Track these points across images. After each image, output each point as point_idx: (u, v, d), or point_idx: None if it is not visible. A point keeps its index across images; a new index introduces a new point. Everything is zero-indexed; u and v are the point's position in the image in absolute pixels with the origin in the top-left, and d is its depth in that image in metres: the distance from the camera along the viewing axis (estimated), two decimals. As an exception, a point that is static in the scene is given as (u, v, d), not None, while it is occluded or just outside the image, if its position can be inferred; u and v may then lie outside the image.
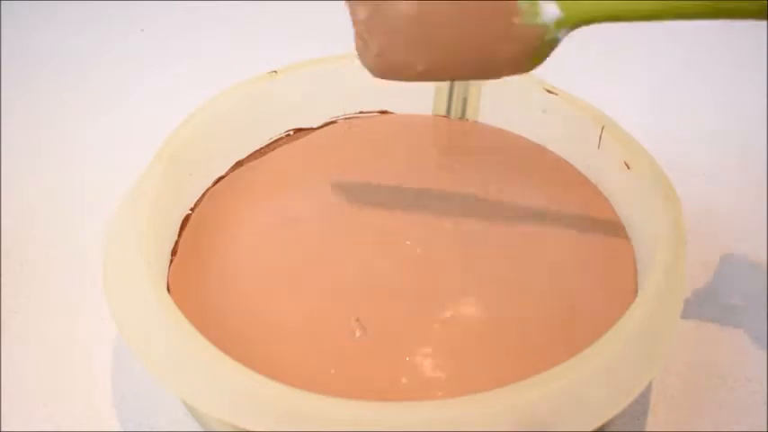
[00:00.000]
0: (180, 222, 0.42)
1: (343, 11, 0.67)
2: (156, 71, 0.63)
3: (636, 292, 0.38)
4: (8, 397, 0.39)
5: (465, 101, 0.49)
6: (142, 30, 0.68)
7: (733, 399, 0.40)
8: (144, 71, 0.63)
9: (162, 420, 0.38)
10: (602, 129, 0.43)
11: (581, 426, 0.30)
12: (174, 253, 0.40)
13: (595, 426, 0.31)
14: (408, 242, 0.41)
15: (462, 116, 0.50)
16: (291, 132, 0.48)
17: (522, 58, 0.34)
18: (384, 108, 0.50)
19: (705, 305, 0.44)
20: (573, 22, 0.33)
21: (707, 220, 0.49)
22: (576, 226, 0.42)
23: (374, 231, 0.41)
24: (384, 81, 0.49)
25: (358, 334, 0.36)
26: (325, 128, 0.49)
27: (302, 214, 0.43)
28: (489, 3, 0.33)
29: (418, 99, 0.50)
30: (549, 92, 0.46)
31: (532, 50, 0.34)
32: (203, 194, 0.44)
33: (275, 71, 0.47)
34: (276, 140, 0.48)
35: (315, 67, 0.48)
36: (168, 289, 0.37)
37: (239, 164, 0.46)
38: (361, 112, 0.50)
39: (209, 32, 0.68)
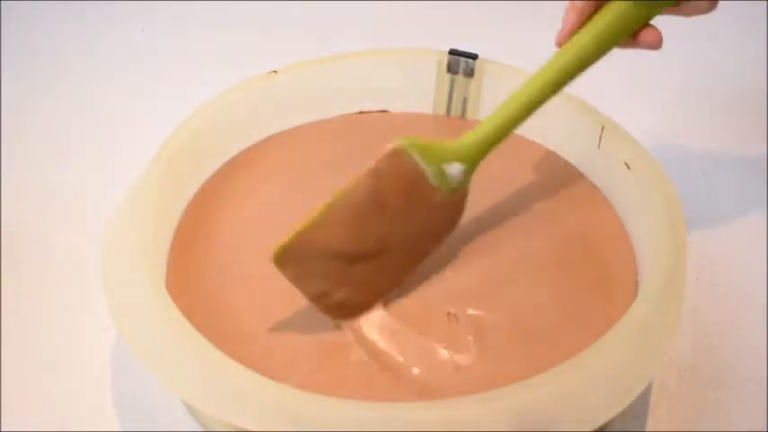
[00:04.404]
0: (178, 222, 0.42)
1: (342, 11, 0.66)
2: (156, 71, 0.63)
3: (636, 292, 0.38)
4: (8, 397, 0.39)
5: (465, 100, 0.49)
6: (142, 30, 0.68)
7: (733, 399, 0.40)
8: (144, 71, 0.63)
9: (162, 420, 0.38)
10: (602, 129, 0.43)
11: (581, 426, 0.30)
12: (172, 252, 0.40)
13: (595, 426, 0.31)
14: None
15: (462, 115, 0.50)
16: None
17: (453, 221, 0.39)
18: (384, 107, 0.50)
19: (705, 305, 0.44)
20: (476, 165, 0.38)
21: (707, 220, 0.49)
22: (576, 226, 0.42)
23: None
24: (385, 81, 0.50)
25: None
26: (325, 125, 0.49)
27: (299, 211, 0.43)
28: (409, 202, 0.36)
29: (418, 99, 0.50)
30: None
31: (457, 209, 0.39)
32: (198, 193, 0.44)
33: (275, 71, 0.47)
34: (271, 137, 0.48)
35: (315, 67, 0.48)
36: (167, 288, 0.37)
37: (233, 159, 0.46)
38: (360, 112, 0.50)
39: (209, 32, 0.68)
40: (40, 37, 0.67)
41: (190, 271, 0.39)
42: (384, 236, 0.36)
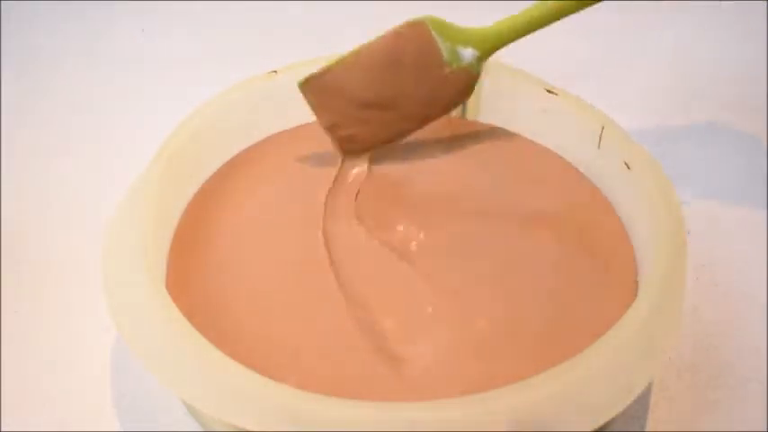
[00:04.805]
0: (178, 222, 0.42)
1: (342, 11, 0.67)
2: (156, 71, 0.63)
3: (636, 292, 0.38)
4: (8, 397, 0.39)
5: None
6: (142, 30, 0.68)
7: (733, 399, 0.40)
8: (144, 71, 0.63)
9: (162, 420, 0.38)
10: (602, 129, 0.43)
11: (581, 426, 0.30)
12: (172, 252, 0.40)
13: (595, 426, 0.31)
14: (407, 241, 0.41)
15: (462, 115, 0.50)
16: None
17: (460, 95, 0.44)
18: None
19: (705, 305, 0.44)
20: (489, 55, 0.43)
21: (707, 221, 0.49)
22: (575, 226, 0.42)
23: (372, 230, 0.41)
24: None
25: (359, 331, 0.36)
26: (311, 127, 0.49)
27: (299, 211, 0.43)
28: (421, 67, 0.42)
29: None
30: (549, 92, 0.46)
31: (465, 87, 0.43)
32: (198, 193, 0.44)
33: (275, 71, 0.47)
34: (271, 137, 0.48)
35: (315, 67, 0.48)
36: (167, 288, 0.37)
37: (233, 159, 0.46)
38: None
39: (209, 32, 0.68)
40: (40, 37, 0.67)
41: (190, 271, 0.39)
42: (395, 92, 0.42)
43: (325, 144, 0.48)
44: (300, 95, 0.48)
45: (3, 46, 0.65)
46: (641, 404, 0.39)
